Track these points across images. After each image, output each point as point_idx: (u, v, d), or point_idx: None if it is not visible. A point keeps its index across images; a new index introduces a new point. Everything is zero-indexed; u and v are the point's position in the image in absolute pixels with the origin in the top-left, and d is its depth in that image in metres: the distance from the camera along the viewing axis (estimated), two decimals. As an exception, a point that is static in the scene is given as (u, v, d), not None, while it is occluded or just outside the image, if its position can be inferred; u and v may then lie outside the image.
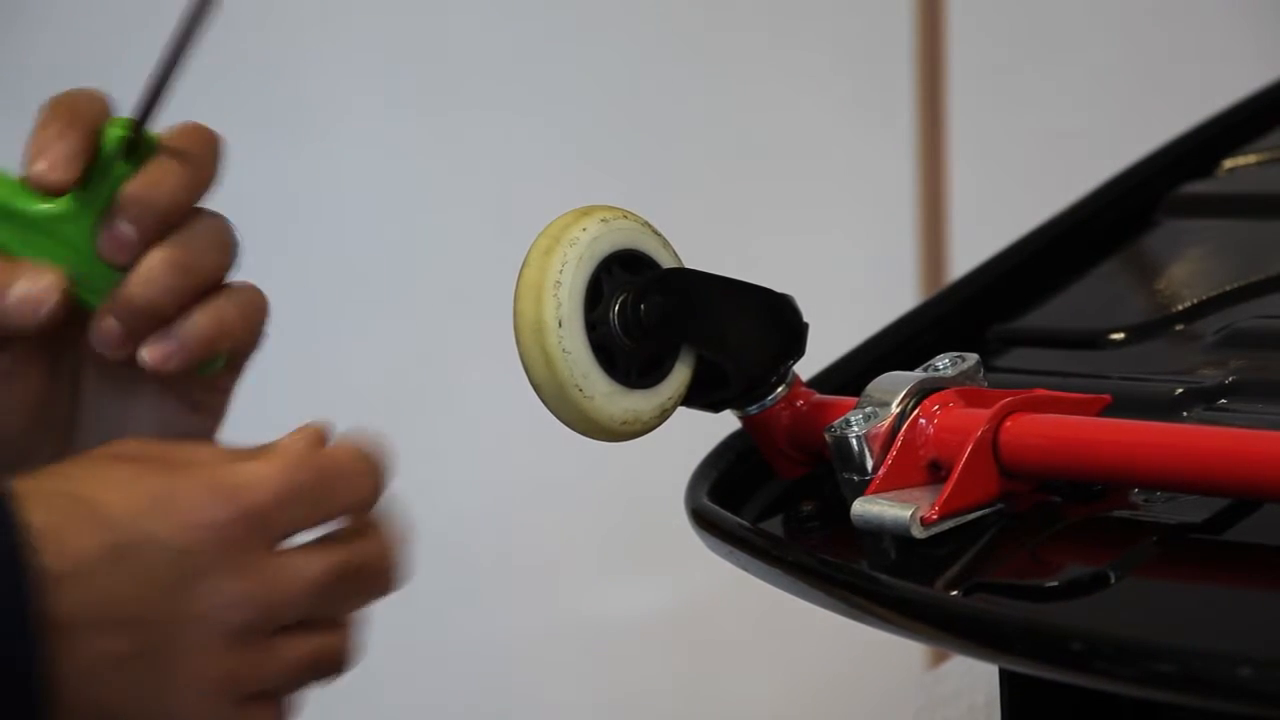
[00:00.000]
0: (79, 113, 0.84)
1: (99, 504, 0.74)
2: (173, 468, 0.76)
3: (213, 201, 0.91)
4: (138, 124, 0.84)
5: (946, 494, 0.81)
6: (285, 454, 0.77)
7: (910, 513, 0.80)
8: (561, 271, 0.83)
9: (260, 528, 0.76)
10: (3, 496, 0.73)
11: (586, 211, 0.85)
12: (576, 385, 0.83)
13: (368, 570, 0.79)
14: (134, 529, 0.74)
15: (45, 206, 0.83)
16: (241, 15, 2.25)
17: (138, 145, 0.84)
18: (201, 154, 0.86)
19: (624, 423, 0.85)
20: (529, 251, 0.84)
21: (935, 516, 0.81)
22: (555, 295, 0.83)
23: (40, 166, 0.82)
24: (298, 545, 0.78)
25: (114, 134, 0.84)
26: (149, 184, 0.83)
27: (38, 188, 0.82)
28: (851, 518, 0.82)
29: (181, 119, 1.17)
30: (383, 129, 2.30)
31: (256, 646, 0.77)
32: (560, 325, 0.83)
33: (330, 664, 0.80)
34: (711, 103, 2.36)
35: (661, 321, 0.85)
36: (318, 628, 0.79)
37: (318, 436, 0.80)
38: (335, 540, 0.78)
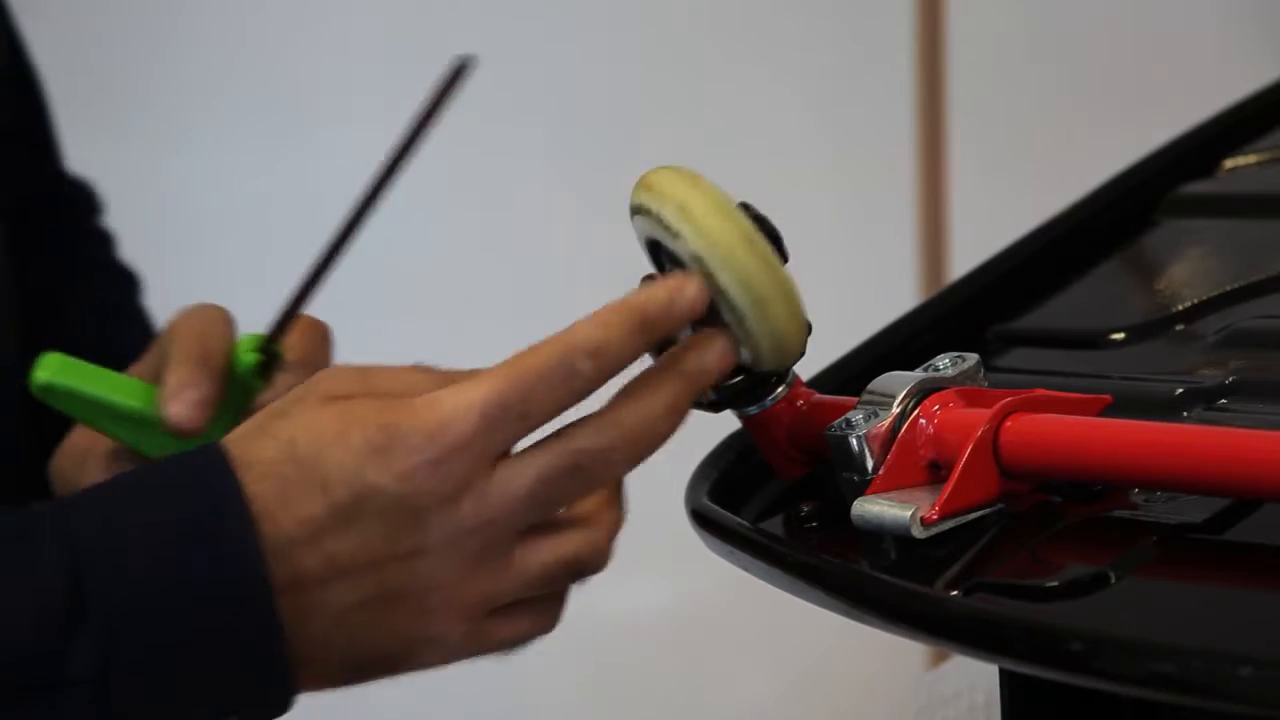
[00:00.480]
0: (209, 351, 0.92)
1: (318, 465, 0.77)
2: (381, 410, 0.78)
3: (214, 204, 0.93)
4: (270, 349, 0.89)
5: (946, 494, 0.81)
6: (487, 373, 0.79)
7: (910, 513, 0.80)
8: (732, 203, 0.81)
9: (473, 456, 0.78)
10: (229, 471, 0.77)
11: (670, 167, 0.83)
12: (795, 289, 0.82)
13: (585, 464, 0.80)
14: (355, 486, 0.77)
15: None
16: (243, 15, 2.25)
17: (270, 364, 0.90)
18: (321, 358, 0.94)
19: (808, 332, 0.84)
20: (674, 185, 0.81)
21: (935, 517, 0.81)
22: (736, 210, 0.81)
23: (175, 411, 0.90)
24: (514, 453, 0.79)
25: (247, 358, 0.92)
26: None
27: (173, 431, 0.90)
28: (851, 518, 0.82)
29: (180, 114, 1.16)
30: (383, 129, 2.30)
31: (497, 562, 0.79)
32: (768, 247, 0.81)
33: (581, 564, 0.82)
34: (712, 102, 2.37)
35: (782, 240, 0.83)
36: (561, 529, 0.81)
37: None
38: (551, 439, 0.80)
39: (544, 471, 0.79)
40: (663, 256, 0.85)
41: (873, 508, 0.82)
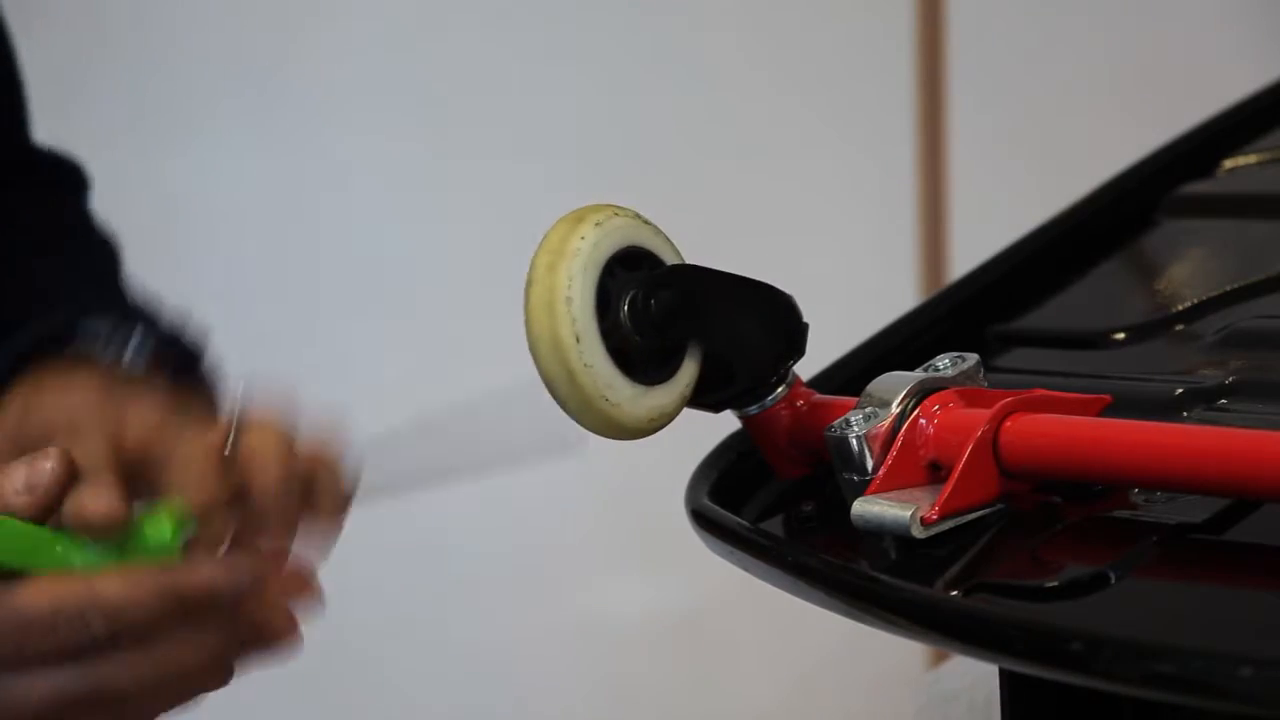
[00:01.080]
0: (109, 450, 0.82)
1: None
2: None
3: (218, 205, 0.91)
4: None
5: (946, 494, 0.81)
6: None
7: (910, 513, 0.80)
8: (570, 286, 0.82)
9: None
10: None
11: (580, 217, 0.84)
12: (603, 396, 0.83)
13: (112, 698, 0.77)
14: None
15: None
16: (244, 16, 2.25)
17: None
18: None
19: (650, 420, 0.85)
20: (532, 270, 0.83)
21: (935, 517, 0.80)
22: (568, 311, 0.82)
23: (95, 499, 0.79)
24: (34, 666, 0.76)
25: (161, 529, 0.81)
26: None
27: (91, 527, 0.79)
28: (851, 518, 0.82)
29: (184, 116, 1.15)
30: (384, 133, 2.31)
31: None
32: (578, 341, 0.82)
33: None
34: (711, 103, 2.37)
35: (672, 317, 0.84)
36: None
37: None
38: (78, 664, 0.77)
39: (59, 693, 0.76)
40: None
41: (872, 508, 0.81)
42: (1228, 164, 1.17)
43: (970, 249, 1.86)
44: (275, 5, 2.27)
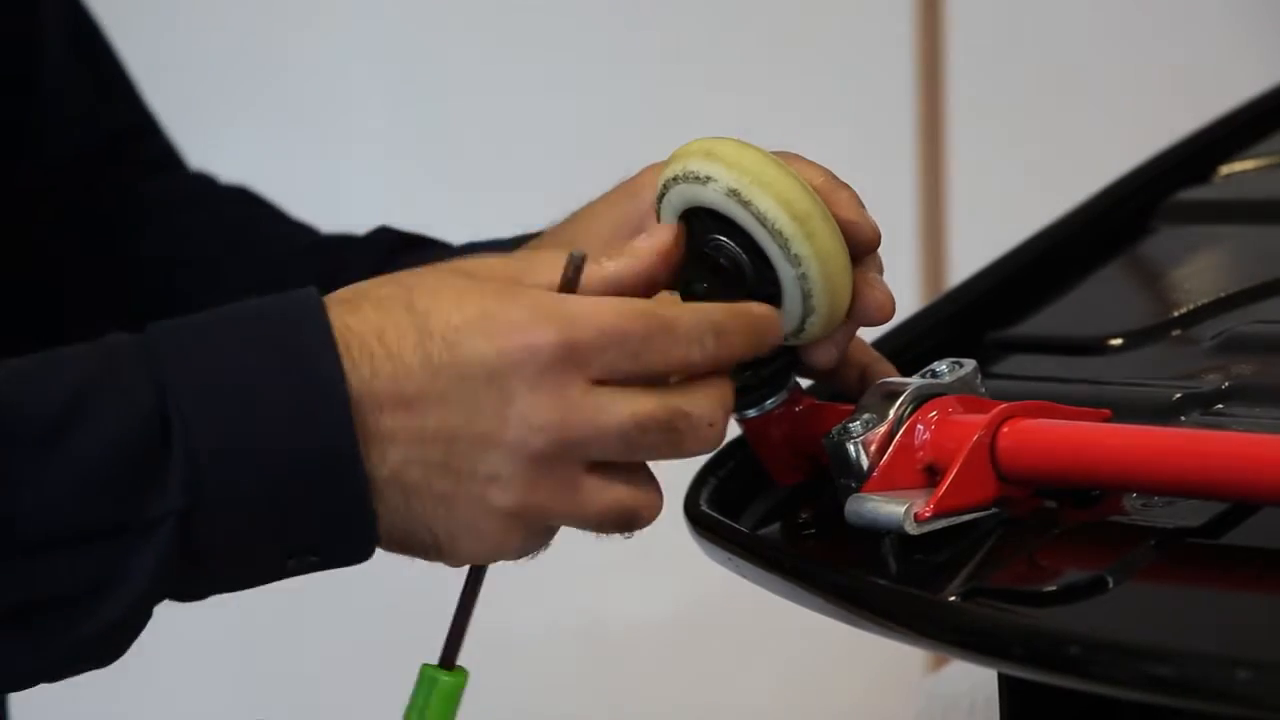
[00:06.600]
0: None
1: (428, 314, 0.76)
2: (507, 288, 0.77)
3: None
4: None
5: (942, 491, 0.81)
6: (626, 301, 0.78)
7: (905, 508, 0.80)
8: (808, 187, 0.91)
9: (577, 362, 0.76)
10: (321, 311, 0.76)
11: (720, 141, 0.94)
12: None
13: (680, 426, 0.78)
14: (455, 342, 0.76)
15: None
16: (243, 12, 2.25)
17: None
18: None
19: None
20: (774, 173, 0.92)
21: (929, 513, 0.80)
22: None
23: None
24: (615, 386, 0.77)
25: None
26: None
27: None
28: (845, 514, 0.82)
29: (190, 115, 1.15)
30: (383, 126, 2.31)
31: (562, 482, 0.78)
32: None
33: (625, 519, 0.80)
34: (710, 104, 2.37)
35: None
36: (621, 478, 0.79)
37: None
38: (654, 389, 0.78)
39: (642, 416, 0.77)
40: (702, 227, 0.86)
41: (867, 504, 0.81)
42: (1224, 170, 1.17)
43: (970, 255, 1.86)
44: (275, 8, 2.27)
